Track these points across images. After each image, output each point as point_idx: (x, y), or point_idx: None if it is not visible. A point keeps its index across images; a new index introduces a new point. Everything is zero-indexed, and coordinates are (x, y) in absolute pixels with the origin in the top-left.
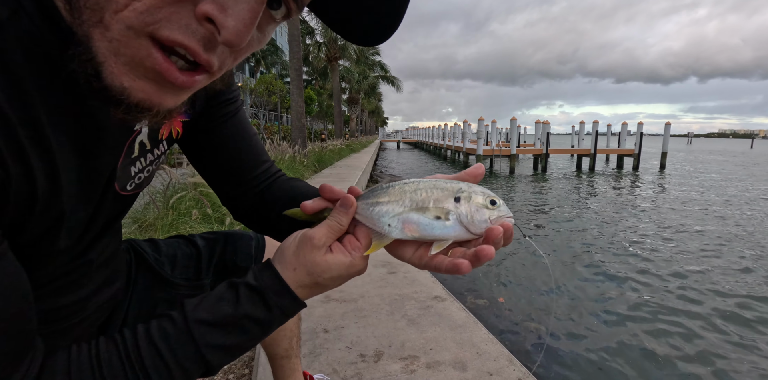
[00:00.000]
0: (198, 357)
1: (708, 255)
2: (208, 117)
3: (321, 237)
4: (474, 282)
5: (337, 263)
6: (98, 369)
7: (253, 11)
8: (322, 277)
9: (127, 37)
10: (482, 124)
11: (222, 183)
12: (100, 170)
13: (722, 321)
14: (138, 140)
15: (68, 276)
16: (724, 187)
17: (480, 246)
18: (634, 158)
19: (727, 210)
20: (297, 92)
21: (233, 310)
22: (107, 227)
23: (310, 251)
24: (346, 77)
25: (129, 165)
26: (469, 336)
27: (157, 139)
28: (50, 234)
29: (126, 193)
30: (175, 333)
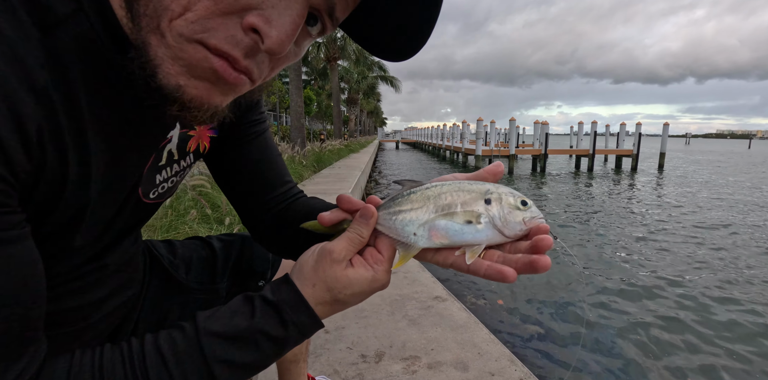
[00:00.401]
0: (205, 371)
1: (706, 255)
2: (236, 135)
3: (341, 250)
4: (474, 283)
5: (359, 278)
6: (99, 374)
7: (294, 24)
8: (343, 294)
9: (180, 43)
10: (481, 125)
11: (244, 200)
12: (128, 170)
13: (719, 320)
14: (167, 148)
15: (83, 278)
16: (721, 187)
17: (534, 257)
18: (632, 158)
19: (726, 210)
20: (296, 92)
21: (247, 324)
22: (126, 233)
23: (329, 266)
24: (345, 77)
25: (155, 172)
26: (470, 336)
27: (185, 151)
28: (70, 227)
29: (148, 201)
30: (184, 344)
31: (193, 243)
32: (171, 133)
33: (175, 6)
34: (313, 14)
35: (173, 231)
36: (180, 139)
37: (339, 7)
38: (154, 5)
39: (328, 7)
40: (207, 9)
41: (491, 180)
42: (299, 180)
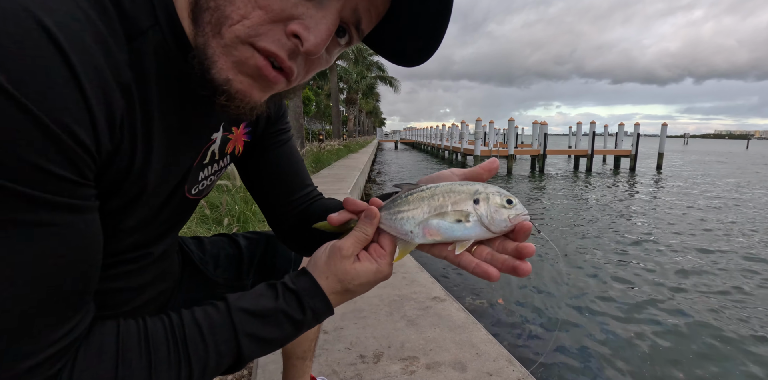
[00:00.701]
0: (234, 342)
1: (705, 253)
2: (266, 142)
3: (349, 247)
4: (473, 283)
5: (365, 270)
6: (144, 338)
7: (328, 31)
8: (352, 284)
9: (235, 43)
10: (480, 125)
11: (269, 202)
12: (180, 165)
13: (718, 321)
14: (211, 149)
15: (130, 263)
16: (720, 188)
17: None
18: (631, 159)
19: (724, 210)
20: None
21: (272, 305)
22: (171, 227)
23: (339, 261)
24: (344, 77)
25: (199, 169)
26: (468, 336)
27: (224, 152)
28: (125, 211)
29: (190, 197)
30: (218, 317)
31: (221, 241)
32: (215, 135)
33: (235, 15)
34: (342, 27)
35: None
36: (222, 141)
37: (364, 21)
38: (217, 15)
39: (356, 21)
40: (259, 18)
41: (486, 176)
42: None
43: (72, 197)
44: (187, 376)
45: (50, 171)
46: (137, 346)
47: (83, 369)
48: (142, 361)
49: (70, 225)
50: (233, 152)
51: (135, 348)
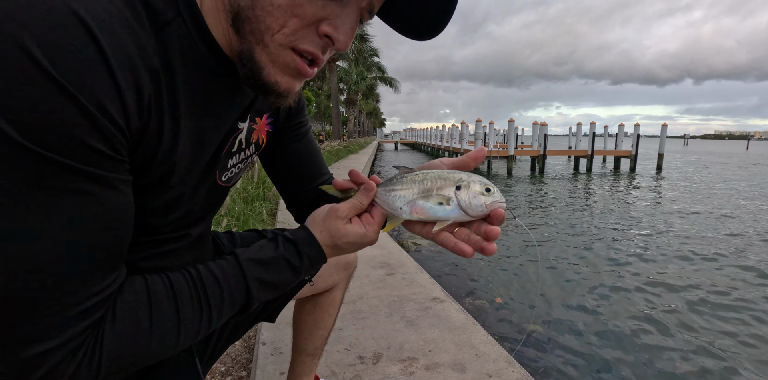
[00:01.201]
0: (244, 287)
1: (704, 255)
2: (287, 134)
3: (345, 210)
4: (472, 284)
5: (354, 232)
6: (170, 286)
7: (353, 28)
8: (341, 241)
9: (279, 50)
10: (480, 126)
11: (289, 188)
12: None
13: (721, 322)
14: (239, 137)
15: (171, 243)
16: (720, 188)
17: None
18: (631, 159)
19: (725, 210)
20: None
21: (273, 254)
22: (206, 212)
23: (334, 220)
24: (344, 78)
25: (228, 157)
26: (468, 337)
27: (249, 141)
28: (160, 186)
29: (222, 184)
30: (230, 267)
31: (251, 236)
32: (242, 125)
33: (275, 25)
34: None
35: None
36: (248, 131)
37: (377, 5)
38: (258, 26)
39: (370, 8)
40: (296, 24)
41: (473, 164)
42: None
43: (107, 170)
44: (208, 317)
45: (88, 144)
46: (165, 293)
47: (124, 311)
48: (171, 305)
49: (106, 195)
50: (258, 142)
51: (163, 294)
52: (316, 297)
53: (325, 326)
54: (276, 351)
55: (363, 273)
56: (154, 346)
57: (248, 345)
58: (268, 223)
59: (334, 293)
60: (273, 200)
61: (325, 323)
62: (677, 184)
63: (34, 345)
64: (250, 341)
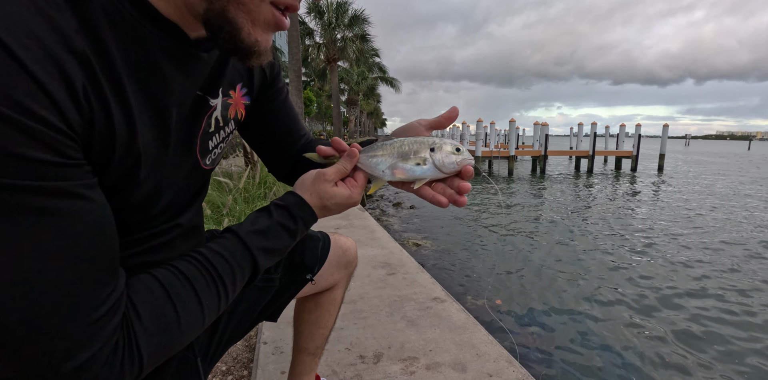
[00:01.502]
0: (250, 257)
1: (705, 255)
2: (266, 103)
3: (331, 174)
4: (473, 284)
5: (341, 193)
6: (180, 274)
7: None
8: (329, 202)
9: (257, 6)
10: (481, 126)
11: (271, 155)
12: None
13: (728, 328)
14: (214, 116)
15: (161, 236)
16: (721, 189)
17: (457, 197)
18: (632, 160)
19: (726, 211)
20: (296, 93)
21: (269, 221)
22: (193, 198)
23: (322, 183)
24: (345, 78)
25: (207, 138)
26: (468, 337)
27: (227, 118)
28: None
29: (206, 168)
30: (232, 243)
31: None
32: (214, 102)
33: None
34: None
35: None
36: (222, 107)
37: None
38: None
39: None
40: None
41: (446, 124)
42: None
43: (64, 179)
44: (225, 294)
45: (28, 156)
46: (178, 281)
47: (145, 308)
48: (188, 290)
49: (73, 206)
50: (236, 117)
51: (176, 282)
52: (317, 296)
53: (326, 325)
54: (277, 350)
55: (364, 272)
56: (186, 331)
57: (249, 344)
58: None
59: (334, 292)
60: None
61: (326, 322)
62: (679, 185)
63: (71, 358)
64: (251, 340)
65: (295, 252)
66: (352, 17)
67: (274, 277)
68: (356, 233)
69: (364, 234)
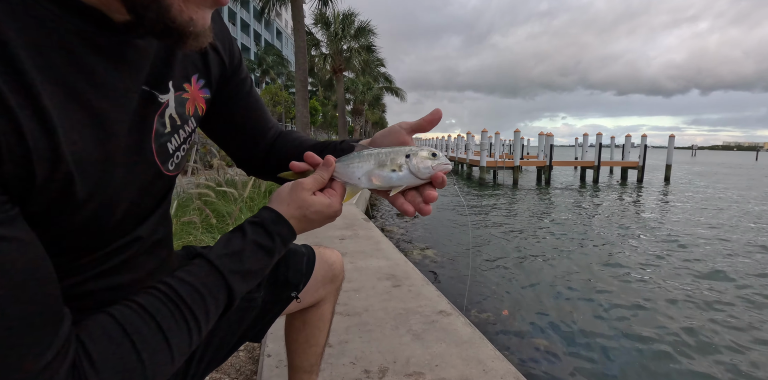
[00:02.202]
0: (224, 284)
1: (714, 269)
2: (230, 97)
3: (309, 183)
4: (479, 296)
5: (320, 202)
6: (144, 311)
7: None
8: (308, 210)
9: None
10: (486, 136)
11: (237, 149)
12: (120, 135)
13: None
14: (167, 114)
15: (119, 254)
16: (730, 201)
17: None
18: (638, 170)
19: (735, 224)
20: (302, 103)
21: (243, 242)
22: (156, 207)
23: (300, 192)
24: (350, 88)
25: (165, 141)
26: (475, 352)
27: (185, 115)
28: (67, 196)
29: (169, 174)
30: (203, 270)
31: None
32: (164, 98)
33: None
34: None
35: (177, 239)
36: (177, 103)
37: None
38: None
39: None
40: None
41: (428, 127)
42: None
43: None
44: (197, 328)
45: None
46: (138, 318)
47: (100, 353)
48: (152, 328)
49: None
50: (196, 113)
51: (137, 320)
52: (304, 313)
53: (317, 342)
54: (281, 363)
55: (369, 284)
56: (151, 375)
57: (252, 356)
58: None
59: (322, 308)
60: None
61: (317, 339)
62: (686, 196)
63: None
64: (255, 352)
65: (278, 269)
66: (358, 28)
67: (255, 297)
68: (361, 244)
69: (369, 244)
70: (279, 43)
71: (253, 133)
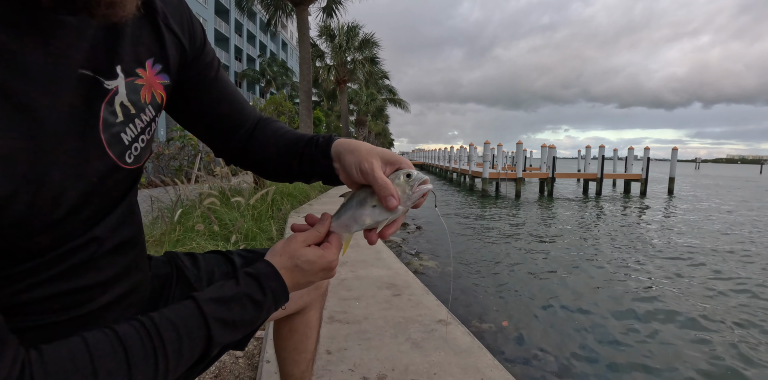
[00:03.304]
0: (204, 328)
1: (717, 285)
2: (196, 81)
3: (303, 235)
4: (478, 306)
5: (313, 252)
6: (117, 341)
7: None
8: (300, 260)
9: None
10: (488, 148)
11: (213, 139)
12: (58, 123)
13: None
14: (118, 102)
15: (76, 254)
16: (735, 214)
17: (373, 238)
18: (641, 183)
19: (740, 238)
20: (306, 113)
21: (234, 291)
22: (114, 204)
23: (294, 243)
24: (354, 99)
25: (117, 131)
26: (474, 361)
27: (140, 103)
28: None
29: (127, 166)
30: (187, 309)
31: (215, 258)
32: (114, 83)
33: None
34: None
35: (180, 246)
36: (129, 90)
37: None
38: None
39: None
40: None
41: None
42: (306, 200)
43: None
44: (165, 368)
45: None
46: (108, 343)
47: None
48: (118, 362)
49: None
50: (153, 100)
51: (106, 344)
52: (290, 321)
53: (306, 349)
54: None
55: (369, 293)
56: None
57: (252, 362)
58: (276, 241)
59: (307, 314)
60: (282, 218)
61: (306, 346)
62: (690, 210)
63: None
64: (254, 359)
65: None
66: (362, 40)
67: None
68: (362, 253)
69: (370, 253)
70: (284, 54)
71: (226, 121)
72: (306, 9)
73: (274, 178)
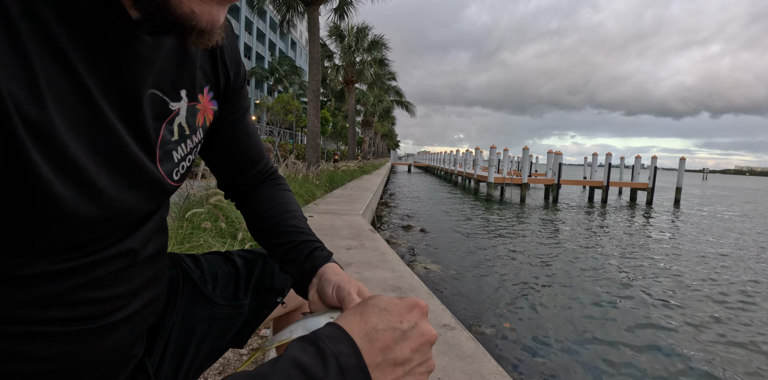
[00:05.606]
0: None
1: (721, 299)
2: (229, 114)
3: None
4: (482, 310)
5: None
6: None
7: None
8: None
9: None
10: (494, 152)
11: (223, 172)
12: (117, 139)
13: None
14: (177, 122)
15: (111, 264)
16: (742, 227)
17: None
18: (647, 192)
19: (745, 253)
20: (314, 113)
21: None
22: (149, 215)
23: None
24: (361, 100)
25: (171, 149)
26: (477, 367)
27: (195, 126)
28: (60, 201)
29: (174, 183)
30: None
31: (217, 259)
32: (177, 105)
33: None
34: None
35: (187, 243)
36: (188, 113)
37: None
38: None
39: None
40: None
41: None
42: (312, 199)
43: None
44: None
45: None
46: None
47: None
48: None
49: None
50: (204, 124)
51: None
52: (289, 318)
53: None
54: None
55: None
56: None
57: (256, 362)
58: None
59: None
60: None
61: None
62: (697, 221)
63: None
64: (257, 363)
65: (264, 276)
66: (371, 42)
67: (243, 303)
68: (367, 255)
69: (375, 256)
70: (293, 53)
71: (243, 159)
72: (317, 9)
73: (254, 236)
